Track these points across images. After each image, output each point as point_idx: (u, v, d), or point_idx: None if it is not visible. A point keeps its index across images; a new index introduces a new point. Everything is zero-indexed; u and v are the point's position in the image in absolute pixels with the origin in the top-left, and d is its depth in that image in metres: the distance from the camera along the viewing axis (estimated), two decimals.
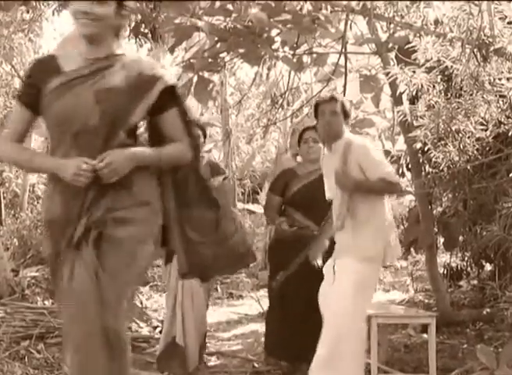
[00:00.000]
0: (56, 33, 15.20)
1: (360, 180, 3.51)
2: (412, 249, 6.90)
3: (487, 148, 4.52)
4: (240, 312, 7.03)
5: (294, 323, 4.29)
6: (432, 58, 3.95)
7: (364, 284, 3.49)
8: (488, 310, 5.76)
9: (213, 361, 4.86)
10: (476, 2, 3.66)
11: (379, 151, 3.76)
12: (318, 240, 3.92)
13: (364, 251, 3.49)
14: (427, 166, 5.62)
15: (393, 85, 5.21)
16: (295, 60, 5.52)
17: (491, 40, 3.68)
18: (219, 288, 8.38)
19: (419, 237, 6.17)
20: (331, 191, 3.73)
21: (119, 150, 2.30)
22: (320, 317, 3.56)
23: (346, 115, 3.69)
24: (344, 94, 5.18)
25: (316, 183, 4.19)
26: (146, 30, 6.49)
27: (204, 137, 4.30)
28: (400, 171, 6.67)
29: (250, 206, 13.76)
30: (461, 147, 4.29)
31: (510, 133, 4.25)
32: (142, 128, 2.56)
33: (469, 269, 6.86)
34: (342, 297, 3.45)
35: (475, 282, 6.80)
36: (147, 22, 6.08)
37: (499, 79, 3.92)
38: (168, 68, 9.20)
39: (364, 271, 3.48)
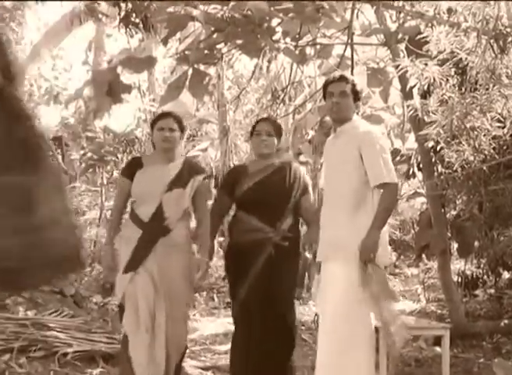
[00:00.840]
0: (41, 22, 15.29)
1: (374, 223, 3.49)
2: (424, 255, 6.89)
3: (504, 147, 4.52)
4: None
5: (261, 348, 4.04)
6: (445, 50, 3.95)
7: (357, 287, 3.47)
8: (506, 322, 5.75)
9: None
10: None
11: (386, 144, 3.74)
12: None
13: (354, 249, 3.47)
14: (439, 166, 5.61)
15: (403, 79, 5.22)
16: (297, 52, 5.52)
17: (509, 30, 3.68)
18: (216, 297, 8.37)
19: (431, 242, 6.17)
20: (327, 180, 3.75)
21: None
22: (290, 331, 3.74)
23: (356, 97, 3.70)
24: None
25: (268, 181, 4.18)
26: (137, 20, 6.47)
27: (182, 131, 4.12)
28: (411, 171, 6.67)
29: None
30: (476, 145, 4.28)
31: None
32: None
33: (485, 277, 6.86)
34: (337, 303, 3.45)
35: (492, 291, 6.79)
36: (138, 11, 6.06)
37: None
38: (161, 60, 9.20)
39: (355, 273, 3.47)
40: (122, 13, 6.26)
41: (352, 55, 5.59)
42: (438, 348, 4.69)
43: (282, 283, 4.09)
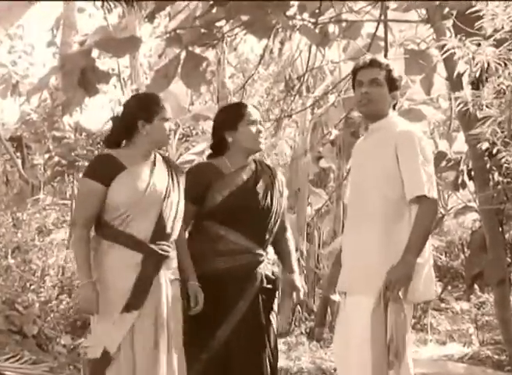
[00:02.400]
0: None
1: (408, 247, 3.48)
2: (476, 286, 6.87)
3: None
4: None
5: None
6: (502, 28, 3.95)
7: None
8: None
9: None
10: None
11: (430, 150, 3.74)
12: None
13: (383, 276, 3.46)
14: (496, 174, 5.61)
15: (450, 64, 5.22)
16: (317, 31, 5.53)
17: None
18: None
19: (485, 269, 6.15)
20: (354, 192, 3.76)
21: None
22: None
23: (392, 86, 3.70)
24: None
25: (254, 186, 4.09)
26: None
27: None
28: (460, 180, 6.66)
29: None
30: None
31: None
32: None
33: None
34: (363, 351, 3.44)
35: None
36: None
37: None
38: (147, 41, 9.25)
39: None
40: None
41: (386, 35, 5.61)
42: None
43: (271, 328, 4.03)
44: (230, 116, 4.17)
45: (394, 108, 3.79)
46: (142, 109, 3.85)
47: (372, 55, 4.05)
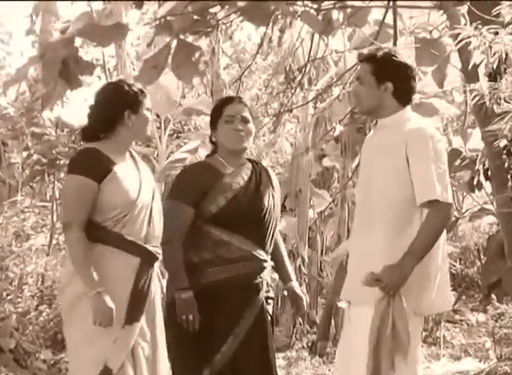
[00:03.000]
0: None
1: (410, 251, 3.49)
2: (493, 296, 6.88)
3: None
4: None
5: None
6: None
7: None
8: None
9: None
10: None
11: (444, 147, 3.74)
12: None
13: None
14: None
15: (465, 54, 5.22)
16: (320, 17, 5.54)
17: None
18: None
19: (504, 277, 6.16)
20: (360, 194, 3.77)
21: None
22: None
23: (381, 77, 3.70)
24: None
25: (254, 187, 4.10)
26: None
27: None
28: (476, 180, 6.67)
29: None
30: None
31: None
32: None
33: None
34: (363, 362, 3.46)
35: None
36: None
37: None
38: (135, 29, 9.25)
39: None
40: None
41: (395, 22, 5.62)
42: None
43: (270, 343, 4.05)
44: (212, 114, 4.22)
45: (403, 101, 3.78)
46: (129, 98, 3.83)
47: (367, 48, 4.05)
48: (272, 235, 4.10)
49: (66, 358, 6.73)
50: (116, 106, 3.80)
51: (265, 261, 4.03)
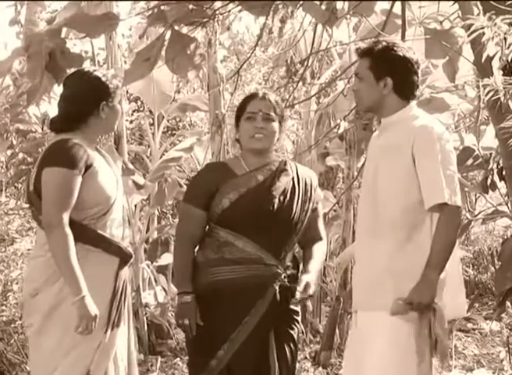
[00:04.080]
0: None
1: (429, 263, 3.51)
2: (508, 304, 6.88)
3: None
4: None
5: None
6: None
7: (409, 348, 3.49)
8: None
9: None
10: None
11: (452, 147, 3.74)
12: None
13: (402, 294, 3.49)
14: None
15: (478, 46, 5.21)
16: (324, 7, 5.53)
17: None
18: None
19: None
20: (365, 196, 3.78)
21: None
22: None
23: (380, 72, 3.71)
24: None
25: (270, 189, 4.12)
26: None
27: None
28: (489, 180, 6.67)
29: None
30: None
31: None
32: None
33: None
34: (381, 369, 3.47)
35: None
36: None
37: None
38: (126, 19, 9.20)
39: (411, 325, 3.49)
40: None
41: (403, 12, 5.61)
42: None
43: (287, 350, 4.08)
44: (236, 110, 4.27)
45: (406, 97, 3.78)
46: (105, 89, 3.84)
47: (363, 43, 4.05)
48: (292, 240, 4.10)
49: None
50: (92, 97, 3.81)
51: (276, 267, 4.04)
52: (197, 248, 4.19)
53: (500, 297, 6.54)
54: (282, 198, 4.10)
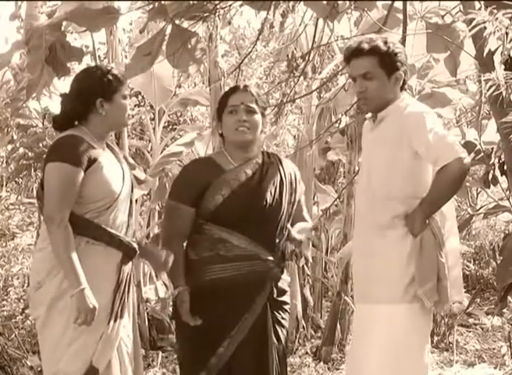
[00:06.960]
0: None
1: (424, 202, 3.53)
2: (510, 299, 6.88)
3: None
4: None
5: None
6: None
7: (407, 341, 3.50)
8: None
9: None
10: None
11: (434, 116, 3.77)
12: None
13: (402, 285, 3.50)
14: None
15: (479, 40, 5.20)
16: (325, 1, 5.53)
17: None
18: None
19: None
20: (361, 187, 3.79)
21: None
22: None
23: (392, 68, 3.72)
24: None
25: (259, 183, 4.11)
26: None
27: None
28: (491, 175, 6.66)
29: None
30: None
31: None
32: None
33: None
34: (377, 362, 3.47)
35: None
36: None
37: None
38: (126, 13, 9.18)
39: (407, 318, 3.50)
40: None
41: (405, 6, 5.60)
42: None
43: (281, 345, 4.08)
44: (218, 104, 4.28)
45: (403, 87, 3.79)
46: (101, 85, 3.83)
47: (360, 40, 4.02)
48: (282, 233, 4.10)
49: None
50: (88, 94, 3.82)
51: (271, 261, 4.03)
52: (186, 245, 4.16)
53: (502, 292, 6.53)
54: (272, 190, 4.10)
